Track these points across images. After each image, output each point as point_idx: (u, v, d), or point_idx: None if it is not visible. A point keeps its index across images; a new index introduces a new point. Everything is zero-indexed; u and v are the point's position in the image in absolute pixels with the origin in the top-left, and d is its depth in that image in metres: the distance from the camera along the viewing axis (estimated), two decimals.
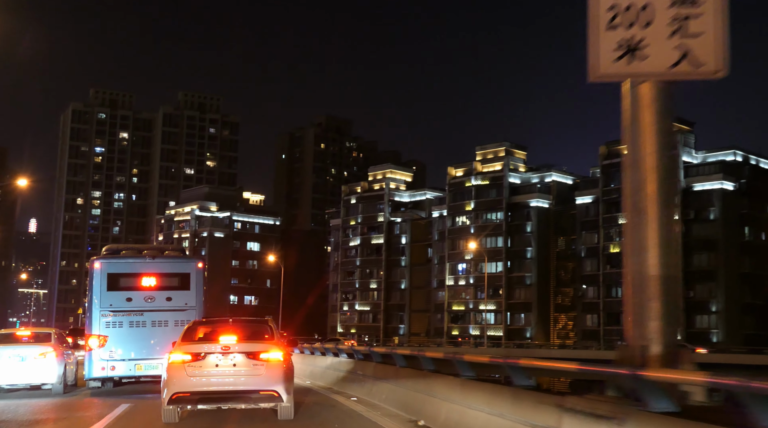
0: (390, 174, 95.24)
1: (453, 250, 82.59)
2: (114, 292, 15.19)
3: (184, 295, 15.46)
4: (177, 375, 9.57)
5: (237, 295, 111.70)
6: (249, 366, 9.61)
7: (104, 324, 15.01)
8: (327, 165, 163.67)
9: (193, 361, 9.60)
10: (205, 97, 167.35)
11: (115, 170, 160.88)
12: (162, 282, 15.44)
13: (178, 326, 14.20)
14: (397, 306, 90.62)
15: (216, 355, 9.63)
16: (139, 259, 15.81)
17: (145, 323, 15.13)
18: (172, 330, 14.39)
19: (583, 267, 74.38)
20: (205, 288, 16.09)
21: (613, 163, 72.36)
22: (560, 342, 75.35)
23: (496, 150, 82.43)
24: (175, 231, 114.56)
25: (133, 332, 15.07)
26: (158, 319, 15.19)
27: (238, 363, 9.61)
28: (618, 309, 70.96)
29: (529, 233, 78.20)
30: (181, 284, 15.59)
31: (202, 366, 9.58)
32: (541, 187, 79.29)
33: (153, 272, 15.46)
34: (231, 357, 9.63)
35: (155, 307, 15.20)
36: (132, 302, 15.18)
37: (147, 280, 15.33)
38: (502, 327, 77.73)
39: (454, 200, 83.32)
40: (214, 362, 9.60)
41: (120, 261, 15.77)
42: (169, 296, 15.38)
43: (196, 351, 9.73)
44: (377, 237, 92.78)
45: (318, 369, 18.46)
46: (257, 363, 9.65)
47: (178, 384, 9.54)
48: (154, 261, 15.78)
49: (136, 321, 15.12)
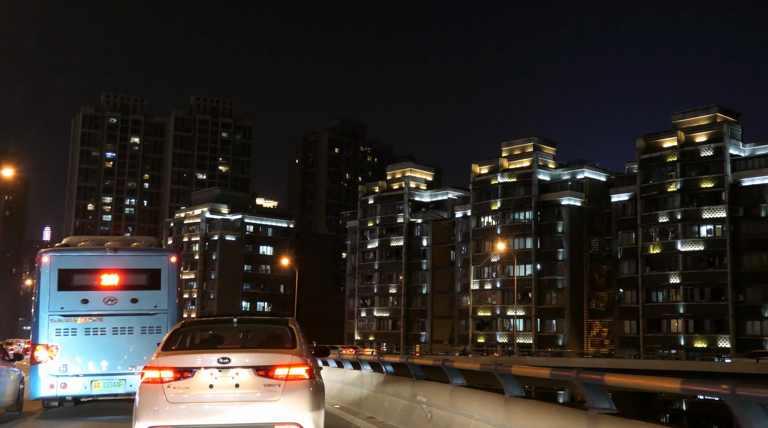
0: (409, 173, 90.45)
1: (478, 252, 77.65)
2: (66, 292, 12.09)
3: (154, 296, 12.40)
4: (152, 399, 6.63)
5: (249, 301, 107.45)
6: (259, 386, 6.68)
7: (54, 332, 11.90)
8: (341, 170, 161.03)
9: (176, 379, 6.67)
10: (218, 100, 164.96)
11: (126, 175, 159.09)
12: (126, 281, 12.38)
13: (145, 333, 12.07)
14: (418, 312, 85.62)
15: (210, 371, 6.69)
16: (97, 252, 12.55)
17: (104, 330, 12.08)
18: (138, 339, 12.06)
19: (619, 270, 69.19)
20: (179, 289, 12.83)
21: (653, 157, 67.45)
22: (594, 351, 70.16)
23: (524, 145, 77.52)
24: (185, 234, 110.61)
25: (89, 341, 12.01)
26: (121, 325, 12.16)
27: (242, 382, 6.68)
28: (659, 314, 65.79)
29: (561, 233, 73.13)
30: (151, 282, 12.52)
31: (189, 388, 6.65)
32: (573, 184, 74.26)
33: (115, 268, 12.34)
34: (233, 373, 6.69)
35: (117, 311, 12.16)
36: (89, 304, 12.11)
37: (108, 278, 12.26)
38: (532, 335, 72.58)
39: (479, 199, 78.42)
40: (208, 381, 6.68)
41: (73, 254, 12.59)
42: (134, 297, 12.32)
43: (180, 364, 6.74)
44: (397, 239, 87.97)
45: (353, 390, 13.86)
46: (272, 382, 6.71)
47: (153, 414, 6.59)
48: (117, 254, 12.49)
49: (93, 328, 12.06)
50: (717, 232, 63.34)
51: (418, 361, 10.77)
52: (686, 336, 63.62)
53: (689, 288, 64.18)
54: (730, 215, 62.38)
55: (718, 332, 62.23)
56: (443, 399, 8.98)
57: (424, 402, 9.62)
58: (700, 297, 63.88)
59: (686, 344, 63.21)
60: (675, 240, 65.20)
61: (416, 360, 10.91)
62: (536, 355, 63.25)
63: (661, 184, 66.38)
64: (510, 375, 7.24)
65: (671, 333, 65.05)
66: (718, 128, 64.39)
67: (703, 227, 64.18)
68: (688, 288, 64.19)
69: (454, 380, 8.91)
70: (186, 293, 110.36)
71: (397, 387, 10.97)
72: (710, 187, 63.89)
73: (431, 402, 9.31)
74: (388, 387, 11.53)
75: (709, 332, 62.91)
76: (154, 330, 12.12)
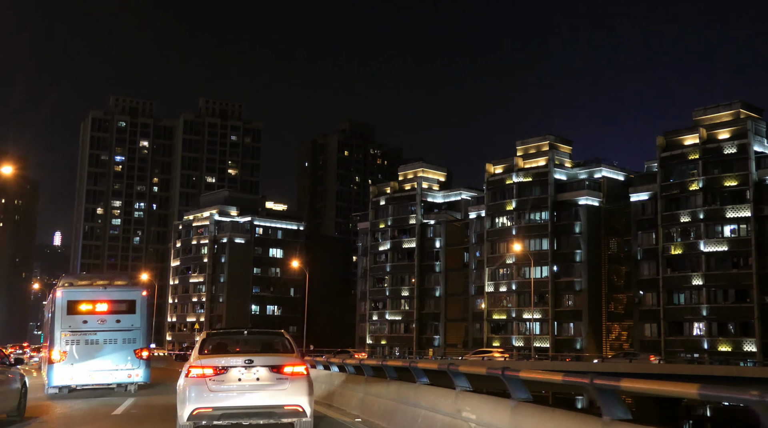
0: (422, 173, 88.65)
1: (492, 254, 75.80)
2: (72, 316, 17.77)
3: (131, 318, 18.22)
4: (198, 389, 9.16)
5: (259, 305, 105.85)
6: (273, 380, 9.31)
7: (65, 342, 17.59)
8: (351, 172, 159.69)
9: (215, 375, 9.22)
10: (227, 103, 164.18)
11: (135, 179, 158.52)
12: (112, 308, 18.13)
13: (126, 343, 17.88)
14: (431, 315, 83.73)
15: (239, 368, 9.27)
16: (93, 289, 18.32)
17: (98, 341, 17.81)
18: (121, 347, 17.87)
19: (639, 271, 67.17)
20: (148, 313, 18.86)
21: (673, 155, 65.46)
22: (614, 354, 68.03)
23: (539, 144, 75.65)
24: (194, 237, 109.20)
25: (88, 348, 17.69)
26: (109, 338, 17.87)
27: (261, 377, 9.29)
28: (681, 317, 63.75)
29: (578, 234, 71.18)
30: (129, 309, 18.28)
31: (224, 381, 9.21)
32: (590, 184, 72.31)
33: (105, 299, 18.17)
34: (254, 370, 9.29)
35: (106, 328, 17.89)
36: (87, 324, 17.83)
37: (100, 306, 18.05)
38: (549, 338, 70.60)
39: (494, 199, 76.58)
40: (237, 376, 9.25)
41: (77, 290, 18.27)
42: (118, 319, 18.06)
43: (217, 364, 9.31)
44: (409, 240, 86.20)
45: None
46: (282, 377, 9.34)
47: (199, 399, 9.12)
48: (106, 290, 18.38)
49: (90, 340, 17.76)
50: (741, 232, 61.27)
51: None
52: (709, 339, 61.53)
53: (712, 290, 62.10)
54: (755, 214, 60.30)
55: (743, 335, 60.10)
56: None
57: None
58: (723, 299, 61.78)
59: (710, 348, 61.06)
60: (697, 240, 63.17)
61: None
62: (553, 359, 61.24)
63: (683, 183, 64.38)
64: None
65: (693, 336, 63.00)
66: (742, 124, 62.36)
67: (726, 227, 62.11)
68: (712, 290, 62.11)
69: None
70: (195, 296, 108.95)
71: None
72: (734, 186, 61.83)
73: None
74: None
75: (733, 335, 60.78)
76: (131, 341, 18.01)
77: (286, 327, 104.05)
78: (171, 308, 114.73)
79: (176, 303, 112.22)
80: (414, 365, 10.34)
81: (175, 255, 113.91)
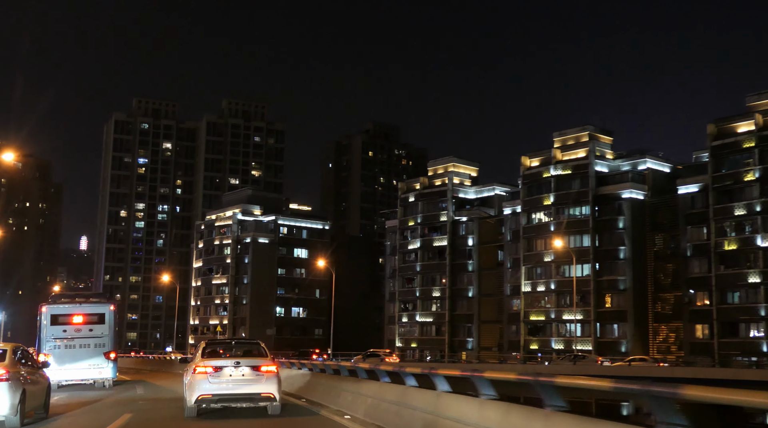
0: (452, 168, 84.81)
1: (529, 252, 71.77)
2: (55, 326, 23.30)
3: (102, 327, 23.75)
4: (202, 381, 13.18)
5: (283, 307, 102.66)
6: (254, 376, 13.33)
7: (49, 347, 23.04)
8: (375, 173, 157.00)
9: (213, 372, 13.25)
10: (250, 104, 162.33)
11: (158, 181, 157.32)
12: (86, 320, 23.65)
13: (97, 347, 23.56)
14: (463, 316, 79.75)
15: (229, 368, 13.35)
16: (72, 304, 23.95)
17: (75, 346, 23.35)
18: (93, 351, 23.51)
19: (688, 269, 62.69)
20: (116, 329, 24.78)
21: (726, 144, 60.99)
22: (661, 357, 63.59)
23: (578, 135, 71.52)
24: (216, 237, 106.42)
25: (68, 352, 23.17)
26: (84, 344, 23.45)
27: (245, 374, 13.34)
28: (736, 317, 59.19)
29: (621, 229, 66.91)
30: (99, 320, 23.76)
31: (220, 376, 13.25)
32: (634, 176, 68.02)
33: (81, 312, 23.74)
34: (241, 369, 13.36)
35: (82, 336, 23.48)
36: (66, 332, 23.37)
37: (76, 318, 23.61)
38: (591, 340, 66.35)
39: (530, 194, 72.59)
40: (228, 373, 13.29)
41: (59, 306, 23.78)
42: (91, 328, 23.59)
43: (215, 364, 13.40)
44: (440, 238, 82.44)
45: None
46: (259, 374, 13.39)
47: (202, 389, 13.15)
48: (81, 305, 23.91)
49: (69, 344, 23.31)
50: None
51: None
52: None
53: None
54: None
55: None
56: None
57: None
58: None
59: None
60: (753, 234, 58.63)
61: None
62: None
63: (737, 173, 59.88)
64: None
65: (750, 338, 58.42)
66: None
67: None
68: None
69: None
70: (217, 298, 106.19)
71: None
72: None
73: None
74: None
75: None
76: (101, 345, 23.51)
77: (311, 330, 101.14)
78: (194, 310, 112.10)
79: (199, 305, 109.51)
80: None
81: (198, 256, 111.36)
